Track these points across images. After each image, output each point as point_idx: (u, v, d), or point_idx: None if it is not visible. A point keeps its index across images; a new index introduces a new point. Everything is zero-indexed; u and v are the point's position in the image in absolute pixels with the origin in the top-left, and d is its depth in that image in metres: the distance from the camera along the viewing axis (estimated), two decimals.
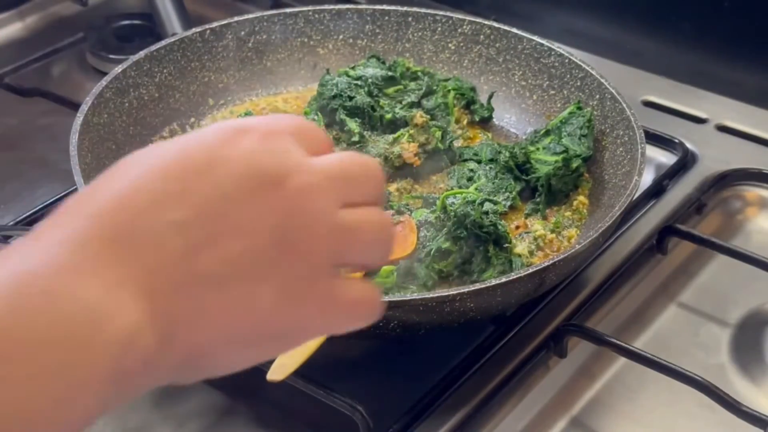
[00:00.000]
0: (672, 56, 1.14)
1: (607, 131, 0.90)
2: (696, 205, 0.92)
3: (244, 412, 0.75)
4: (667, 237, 0.87)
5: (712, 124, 1.03)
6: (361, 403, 0.69)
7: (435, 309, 0.69)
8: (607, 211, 0.81)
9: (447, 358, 0.76)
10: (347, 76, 0.95)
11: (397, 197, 0.87)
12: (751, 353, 0.80)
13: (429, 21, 1.03)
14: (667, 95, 1.06)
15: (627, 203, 0.77)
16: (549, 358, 0.77)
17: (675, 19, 1.13)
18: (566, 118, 0.91)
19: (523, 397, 0.74)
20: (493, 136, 0.98)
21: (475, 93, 0.99)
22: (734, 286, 0.86)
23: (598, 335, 0.76)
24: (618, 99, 0.89)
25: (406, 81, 0.97)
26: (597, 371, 0.78)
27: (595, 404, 0.76)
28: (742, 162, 0.96)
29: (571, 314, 0.80)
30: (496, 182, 0.88)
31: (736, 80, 1.09)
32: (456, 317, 0.71)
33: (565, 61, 0.96)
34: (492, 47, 1.01)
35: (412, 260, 0.77)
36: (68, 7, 1.27)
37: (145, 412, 0.75)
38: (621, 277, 0.84)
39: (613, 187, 0.86)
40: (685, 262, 0.88)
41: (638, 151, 0.83)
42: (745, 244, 0.89)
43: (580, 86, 0.95)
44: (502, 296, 0.72)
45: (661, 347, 0.78)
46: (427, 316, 0.70)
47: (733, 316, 0.83)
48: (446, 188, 0.89)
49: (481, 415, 0.72)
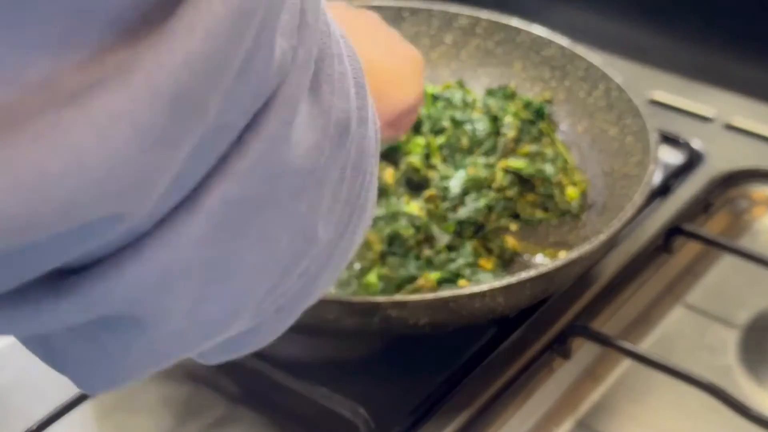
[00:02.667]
0: (678, 52, 1.13)
1: (614, 121, 0.90)
2: (703, 205, 0.91)
3: (245, 414, 0.74)
4: (674, 237, 0.86)
5: (720, 122, 1.02)
6: (363, 405, 0.69)
7: (465, 305, 0.69)
8: (622, 200, 0.80)
9: (450, 360, 0.75)
10: None
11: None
12: (759, 355, 0.79)
13: (424, 15, 1.02)
14: (673, 93, 1.06)
15: (647, 191, 0.77)
16: (553, 360, 0.76)
17: (681, 14, 1.12)
18: None
19: (527, 400, 0.73)
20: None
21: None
22: (742, 286, 0.86)
23: (603, 337, 0.76)
24: (623, 88, 0.89)
25: None
26: (602, 373, 0.77)
27: (600, 406, 0.75)
28: (750, 161, 0.96)
29: (575, 315, 0.79)
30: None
31: (744, 77, 1.08)
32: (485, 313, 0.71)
33: (566, 52, 0.95)
34: (490, 40, 1.00)
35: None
36: None
37: (144, 414, 0.75)
38: (626, 277, 0.83)
39: (624, 177, 0.85)
40: (691, 263, 0.88)
41: (650, 139, 0.82)
42: (753, 244, 0.89)
43: (584, 77, 0.94)
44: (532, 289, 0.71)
45: (667, 348, 0.78)
46: (456, 313, 0.70)
47: (741, 318, 0.83)
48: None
49: (484, 417, 0.71)
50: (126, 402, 0.75)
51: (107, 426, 0.75)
